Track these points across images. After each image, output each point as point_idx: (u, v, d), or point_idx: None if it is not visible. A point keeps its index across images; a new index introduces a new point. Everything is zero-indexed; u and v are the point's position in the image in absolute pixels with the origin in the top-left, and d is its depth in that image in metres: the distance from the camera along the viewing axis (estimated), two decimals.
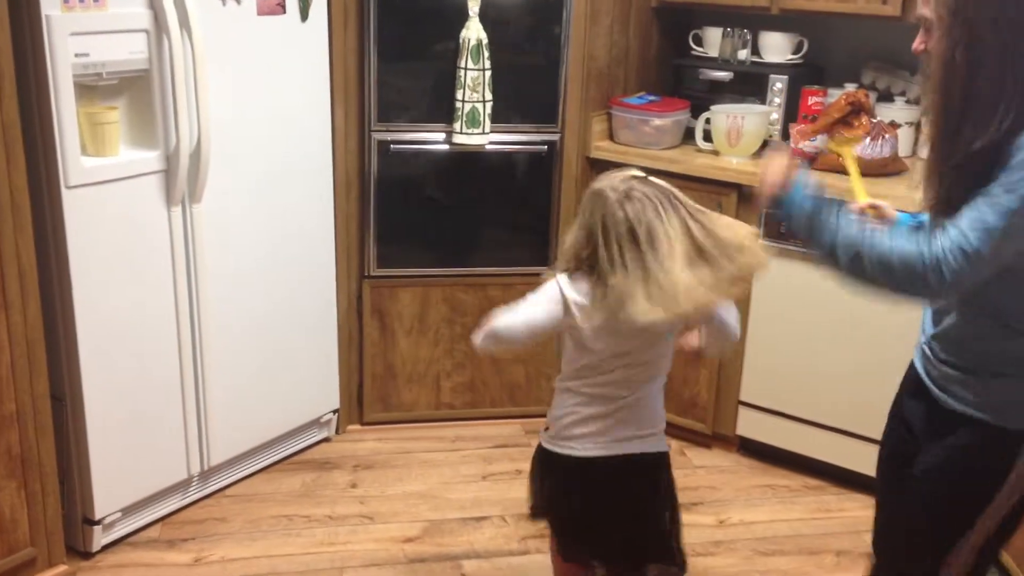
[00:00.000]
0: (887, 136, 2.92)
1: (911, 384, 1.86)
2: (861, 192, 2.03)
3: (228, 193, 2.75)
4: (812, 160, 3.03)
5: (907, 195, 2.06)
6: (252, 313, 2.91)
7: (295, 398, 3.13)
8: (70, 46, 2.31)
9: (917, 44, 1.69)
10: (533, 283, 3.46)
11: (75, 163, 2.37)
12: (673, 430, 3.35)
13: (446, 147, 3.14)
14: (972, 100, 1.56)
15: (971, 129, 1.56)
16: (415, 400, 3.38)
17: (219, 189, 2.70)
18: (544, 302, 2.01)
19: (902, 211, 1.97)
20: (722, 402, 3.24)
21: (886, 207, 1.98)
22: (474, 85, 3.03)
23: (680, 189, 3.10)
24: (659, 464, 2.11)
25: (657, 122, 3.20)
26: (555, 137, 3.21)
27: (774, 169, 1.74)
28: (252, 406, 2.97)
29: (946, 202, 1.60)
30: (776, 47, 3.26)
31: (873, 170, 2.84)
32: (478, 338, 2.06)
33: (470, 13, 2.99)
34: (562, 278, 1.99)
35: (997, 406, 1.64)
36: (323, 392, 3.24)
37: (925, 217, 1.80)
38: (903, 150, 3.05)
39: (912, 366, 1.85)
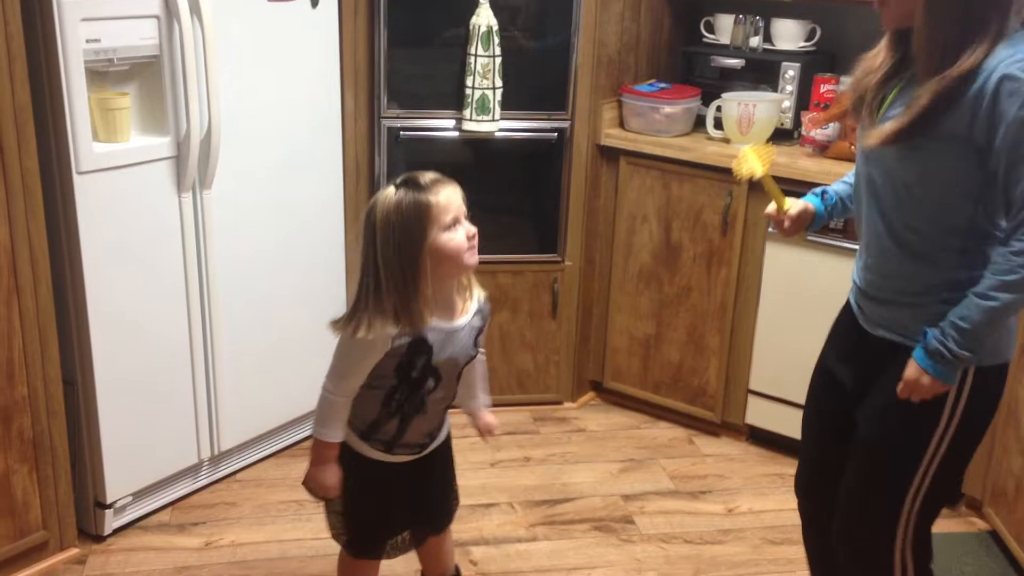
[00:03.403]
0: None
1: (840, 336, 1.96)
2: (782, 202, 2.00)
3: (238, 179, 2.75)
4: (824, 149, 3.02)
5: None
6: (262, 299, 2.91)
7: (305, 384, 3.11)
8: (81, 32, 2.31)
9: None
10: (542, 271, 3.47)
11: (86, 149, 2.38)
12: (682, 418, 3.38)
13: (456, 134, 3.14)
14: (961, 30, 1.60)
15: (966, 55, 1.59)
16: None
17: (229, 175, 2.71)
18: None
19: (812, 196, 2.02)
20: (731, 391, 3.23)
21: (805, 208, 2.00)
22: (484, 72, 3.02)
23: (690, 177, 3.15)
24: None
25: (668, 109, 3.19)
26: (565, 124, 3.20)
27: (919, 390, 1.72)
28: (262, 392, 2.98)
29: (920, 125, 1.63)
30: (788, 34, 3.24)
31: None
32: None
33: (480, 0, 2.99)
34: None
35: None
36: None
37: (831, 199, 1.96)
38: None
39: (840, 316, 1.97)
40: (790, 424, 3.14)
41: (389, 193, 1.88)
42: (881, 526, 1.85)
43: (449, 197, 1.89)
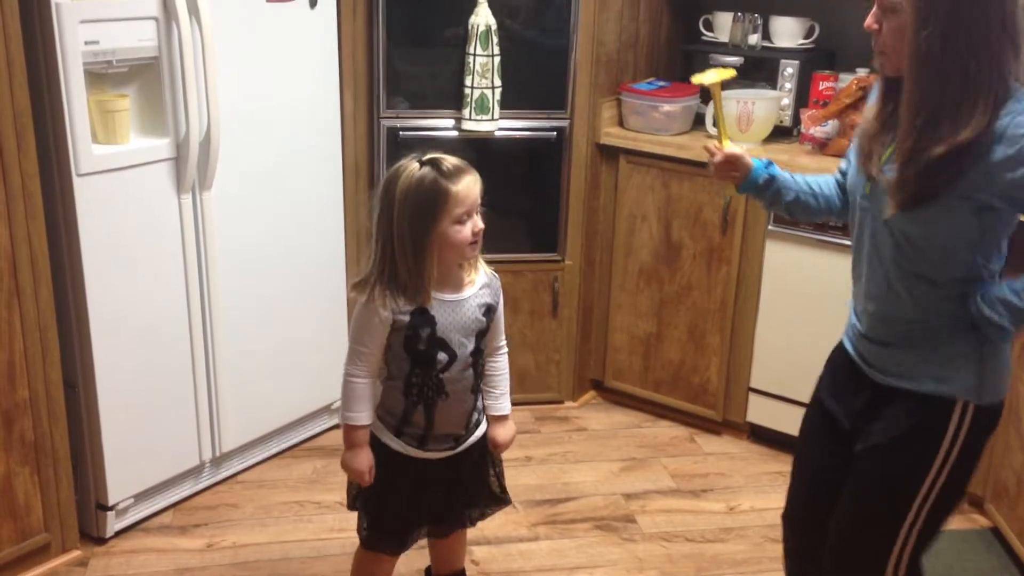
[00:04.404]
0: None
1: (836, 374, 1.93)
2: (724, 136, 2.01)
3: (238, 180, 2.75)
4: (823, 146, 3.02)
5: None
6: (263, 300, 2.91)
7: (306, 385, 3.14)
8: (80, 34, 2.31)
9: (870, 22, 1.69)
10: (542, 270, 3.47)
11: (86, 151, 2.37)
12: (683, 416, 3.38)
13: (455, 133, 3.13)
14: (950, 93, 1.57)
15: (949, 123, 1.57)
16: None
17: (229, 176, 2.71)
18: None
19: (755, 158, 2.01)
20: (732, 389, 3.23)
21: (743, 155, 1.99)
22: (483, 71, 3.02)
23: (690, 175, 3.14)
24: None
25: (667, 108, 3.19)
26: (564, 123, 3.20)
27: None
28: (263, 393, 2.98)
29: (915, 195, 1.62)
30: (787, 32, 3.24)
31: None
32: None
33: None
34: None
35: (931, 375, 1.72)
36: (333, 379, 3.22)
37: (774, 168, 1.96)
38: None
39: (835, 355, 1.94)
40: (791, 422, 3.13)
41: (413, 169, 1.90)
42: (871, 564, 1.84)
43: (468, 188, 1.92)
